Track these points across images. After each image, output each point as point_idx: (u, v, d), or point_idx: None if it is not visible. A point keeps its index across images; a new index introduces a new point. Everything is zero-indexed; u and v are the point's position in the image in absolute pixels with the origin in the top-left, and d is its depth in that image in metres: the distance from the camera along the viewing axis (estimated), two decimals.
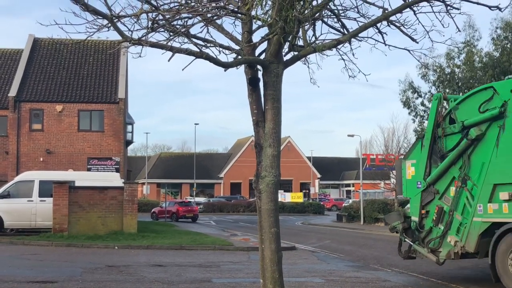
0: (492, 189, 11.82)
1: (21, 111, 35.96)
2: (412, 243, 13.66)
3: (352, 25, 8.19)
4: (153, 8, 6.95)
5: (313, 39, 8.05)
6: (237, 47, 7.60)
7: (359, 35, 7.94)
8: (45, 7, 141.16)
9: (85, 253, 19.56)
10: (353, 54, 8.36)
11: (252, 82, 7.68)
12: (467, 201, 12.40)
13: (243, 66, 7.63)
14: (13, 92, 36.18)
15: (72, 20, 6.74)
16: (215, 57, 7.13)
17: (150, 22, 6.90)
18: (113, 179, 27.61)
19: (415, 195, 13.66)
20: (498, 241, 11.70)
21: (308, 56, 8.18)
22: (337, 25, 8.26)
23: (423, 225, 13.44)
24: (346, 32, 8.13)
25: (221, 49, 7.47)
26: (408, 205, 14.34)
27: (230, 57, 7.56)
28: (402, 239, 14.08)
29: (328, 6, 7.90)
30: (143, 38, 6.83)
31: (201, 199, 68.50)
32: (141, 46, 6.89)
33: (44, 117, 36.22)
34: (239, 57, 7.56)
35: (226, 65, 7.21)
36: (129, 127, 41.63)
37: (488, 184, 11.90)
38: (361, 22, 7.98)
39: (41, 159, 35.71)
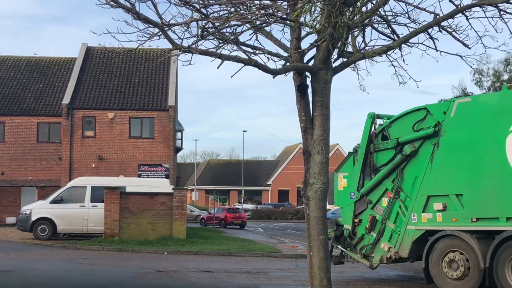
0: (426, 200, 12.87)
1: (74, 118, 36.83)
2: (344, 249, 14.68)
3: (402, 31, 8.12)
4: (203, 16, 7.01)
5: (363, 45, 7.99)
6: (285, 54, 7.60)
7: (410, 41, 7.83)
8: (98, 16, 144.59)
9: (135, 258, 19.84)
10: (403, 60, 8.27)
11: (301, 89, 7.66)
12: (400, 211, 13.42)
13: (291, 73, 7.62)
14: (66, 99, 37.10)
15: (124, 29, 6.88)
16: (263, 64, 7.15)
17: (199, 30, 6.97)
18: (163, 185, 27.95)
19: (348, 205, 14.62)
20: (431, 247, 12.82)
21: (357, 63, 8.11)
22: (387, 31, 8.17)
23: (355, 232, 14.39)
24: (396, 38, 8.03)
25: (269, 56, 7.49)
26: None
27: (278, 64, 7.58)
28: (334, 246, 15.05)
29: (378, 12, 7.81)
30: (193, 46, 6.90)
31: (249, 206, 68.61)
32: (191, 54, 6.96)
33: (96, 124, 37.01)
34: (288, 64, 7.56)
35: (274, 72, 7.22)
36: (178, 134, 42.16)
37: (422, 196, 12.94)
38: (411, 28, 7.88)
39: (93, 165, 36.45)
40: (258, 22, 7.33)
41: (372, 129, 14.22)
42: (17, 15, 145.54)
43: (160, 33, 6.86)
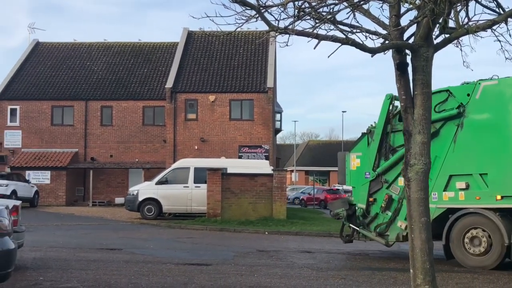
0: (448, 179, 13.33)
1: (177, 101, 37.89)
2: (357, 228, 15.09)
3: (508, 4, 7.71)
4: None
5: (466, 20, 7.67)
6: (384, 32, 7.42)
7: None
8: (197, 0, 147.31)
9: (237, 237, 20.25)
10: (510, 35, 7.87)
11: (400, 67, 7.47)
12: None
13: (390, 51, 7.45)
14: (169, 83, 38.21)
15: (222, 12, 6.96)
16: (361, 43, 7.02)
17: (296, 11, 6.94)
18: (263, 166, 28.30)
19: (362, 184, 15.07)
20: (453, 225, 13.33)
21: (460, 38, 7.81)
22: (492, 5, 7.80)
23: (369, 211, 14.85)
24: (501, 12, 7.66)
25: (367, 34, 7.33)
26: None
27: (377, 42, 7.41)
28: (345, 224, 15.59)
29: None
30: (289, 27, 6.89)
31: (349, 187, 68.03)
32: (288, 35, 6.96)
33: (198, 107, 37.90)
34: (386, 42, 7.39)
35: (373, 51, 7.08)
36: (277, 116, 42.44)
37: (443, 175, 13.36)
38: None
39: (196, 147, 37.42)
40: (355, 0, 7.21)
41: (390, 110, 14.57)
42: (122, 2, 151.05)
43: (257, 15, 6.89)
